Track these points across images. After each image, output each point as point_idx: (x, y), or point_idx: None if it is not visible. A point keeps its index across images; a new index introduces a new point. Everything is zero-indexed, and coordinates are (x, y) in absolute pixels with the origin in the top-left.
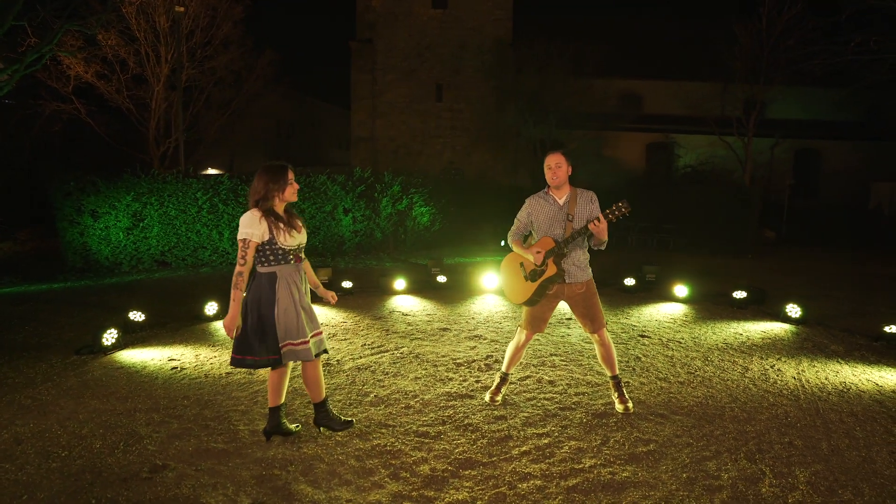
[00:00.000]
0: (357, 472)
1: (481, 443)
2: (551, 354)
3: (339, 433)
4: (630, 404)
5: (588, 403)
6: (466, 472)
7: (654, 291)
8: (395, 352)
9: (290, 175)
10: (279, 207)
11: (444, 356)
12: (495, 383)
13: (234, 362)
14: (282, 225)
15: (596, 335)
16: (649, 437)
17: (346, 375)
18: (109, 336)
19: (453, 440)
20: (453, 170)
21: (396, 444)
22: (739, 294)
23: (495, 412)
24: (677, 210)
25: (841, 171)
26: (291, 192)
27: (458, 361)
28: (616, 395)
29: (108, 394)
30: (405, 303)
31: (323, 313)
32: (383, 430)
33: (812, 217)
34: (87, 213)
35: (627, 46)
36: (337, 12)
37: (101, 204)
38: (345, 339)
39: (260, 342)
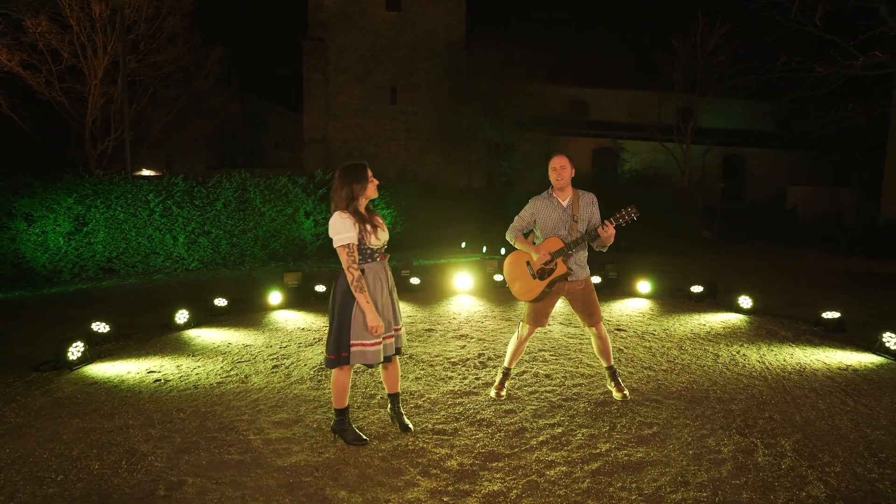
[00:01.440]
0: (387, 472)
1: (499, 436)
2: (540, 350)
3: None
4: (627, 392)
5: (588, 394)
6: (494, 465)
7: (617, 288)
8: None
9: (370, 173)
10: (363, 206)
11: (437, 356)
12: (498, 379)
13: (329, 363)
14: (368, 227)
15: (594, 328)
16: (651, 421)
17: None
18: (75, 350)
19: (471, 435)
20: (408, 172)
21: (417, 442)
22: (696, 288)
23: (503, 407)
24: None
25: (762, 175)
26: (373, 189)
27: (452, 360)
28: (613, 384)
29: (90, 411)
30: None
31: (302, 318)
32: (399, 431)
33: (739, 217)
34: (20, 216)
35: (576, 55)
36: (286, 10)
37: (37, 207)
38: None
39: (336, 339)
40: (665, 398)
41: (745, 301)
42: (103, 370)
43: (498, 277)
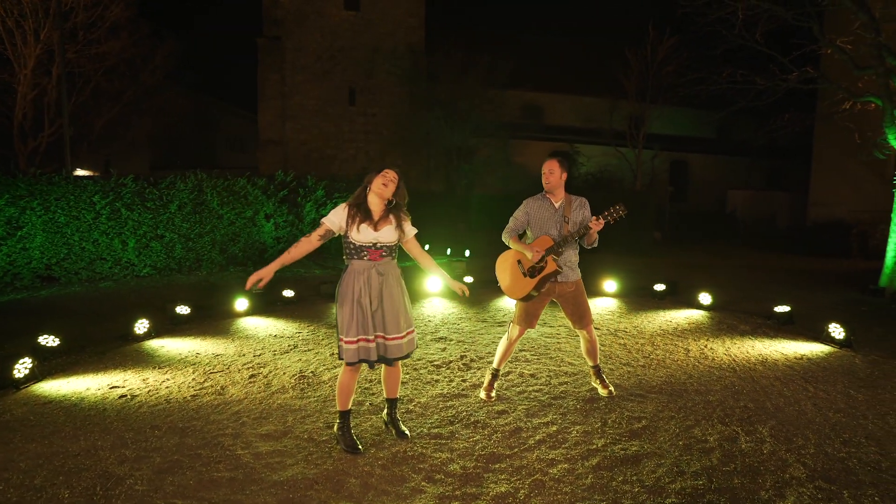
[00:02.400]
0: (390, 480)
1: (496, 437)
2: (521, 350)
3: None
4: (612, 388)
5: (574, 391)
6: (496, 466)
7: (586, 289)
8: None
9: (387, 171)
10: (374, 202)
11: (419, 359)
12: (487, 380)
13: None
14: (358, 218)
15: (584, 331)
16: (639, 415)
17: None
18: (22, 367)
19: (469, 438)
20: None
21: (415, 448)
22: (659, 287)
23: (495, 408)
24: None
25: (705, 180)
26: (378, 184)
27: (435, 363)
28: (598, 381)
29: (48, 434)
30: None
31: (272, 325)
32: (395, 437)
33: (686, 219)
34: None
35: (532, 62)
36: (240, 4)
37: None
38: (310, 350)
39: (337, 333)
40: (647, 392)
41: (705, 298)
42: (57, 388)
43: (468, 279)
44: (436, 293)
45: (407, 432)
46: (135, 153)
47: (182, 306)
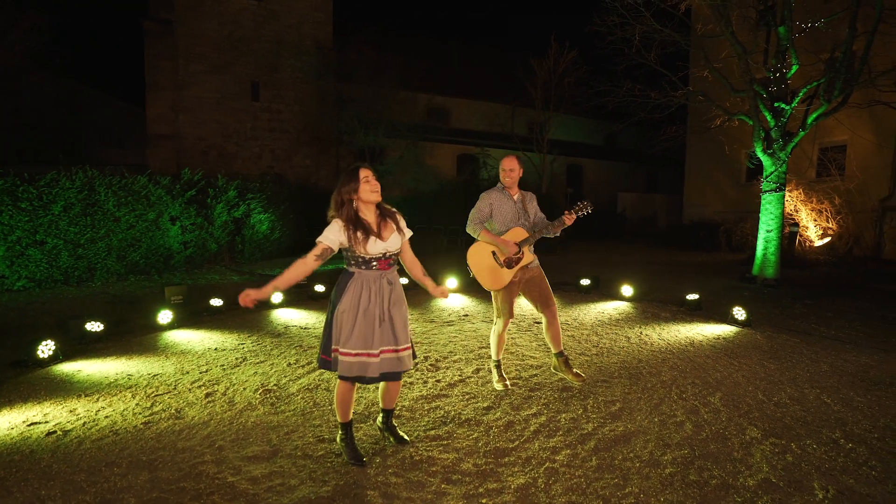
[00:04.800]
0: (409, 487)
1: (494, 432)
2: (481, 347)
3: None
4: (583, 374)
5: (547, 382)
6: (506, 460)
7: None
8: None
9: (364, 173)
10: (365, 211)
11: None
12: (495, 373)
13: (319, 363)
14: (360, 235)
15: (548, 312)
16: (611, 399)
17: (302, 398)
18: None
19: (467, 436)
20: (273, 175)
21: (419, 451)
22: (585, 281)
23: (482, 404)
24: None
25: (597, 182)
26: (368, 191)
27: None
28: (567, 371)
29: None
30: (291, 316)
31: (207, 337)
32: (395, 444)
33: (581, 219)
34: None
35: (440, 66)
36: None
37: None
38: (263, 362)
39: (325, 340)
40: (610, 378)
41: (627, 290)
42: None
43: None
44: None
45: (406, 438)
46: None
47: (93, 322)
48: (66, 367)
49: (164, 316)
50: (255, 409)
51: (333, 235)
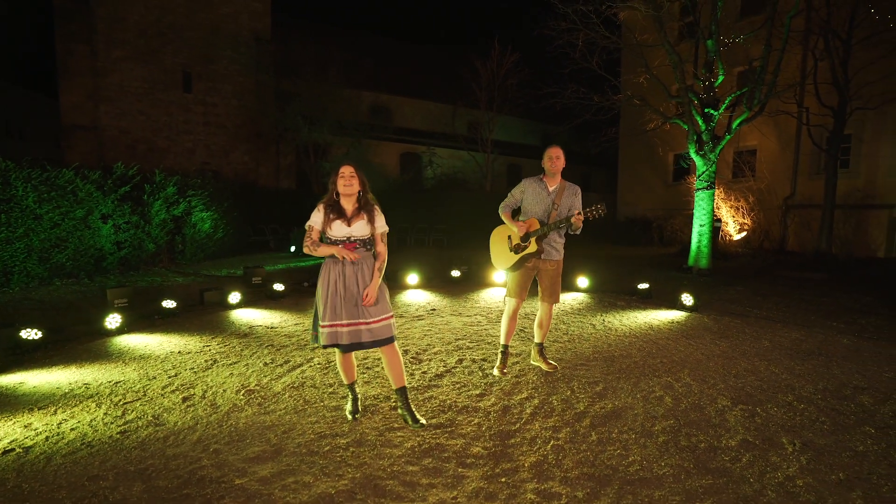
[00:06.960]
0: (427, 473)
1: (493, 417)
2: (457, 339)
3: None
4: (556, 364)
5: (529, 368)
6: (512, 441)
7: (474, 280)
8: (308, 364)
9: (343, 170)
10: (345, 201)
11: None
12: (500, 358)
13: (312, 339)
14: (332, 216)
15: (548, 304)
16: (594, 380)
17: (290, 397)
18: None
19: (469, 422)
20: (208, 171)
21: (426, 440)
22: None
23: (474, 392)
24: (445, 213)
25: None
26: (342, 185)
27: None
28: (541, 360)
29: None
30: (252, 316)
31: (166, 340)
32: (399, 434)
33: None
34: None
35: (382, 64)
36: None
37: None
38: (236, 363)
39: (314, 319)
40: (588, 361)
41: (583, 281)
42: None
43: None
44: None
45: (422, 420)
46: None
47: (28, 330)
48: (5, 380)
49: (113, 320)
50: (243, 409)
51: (315, 216)
